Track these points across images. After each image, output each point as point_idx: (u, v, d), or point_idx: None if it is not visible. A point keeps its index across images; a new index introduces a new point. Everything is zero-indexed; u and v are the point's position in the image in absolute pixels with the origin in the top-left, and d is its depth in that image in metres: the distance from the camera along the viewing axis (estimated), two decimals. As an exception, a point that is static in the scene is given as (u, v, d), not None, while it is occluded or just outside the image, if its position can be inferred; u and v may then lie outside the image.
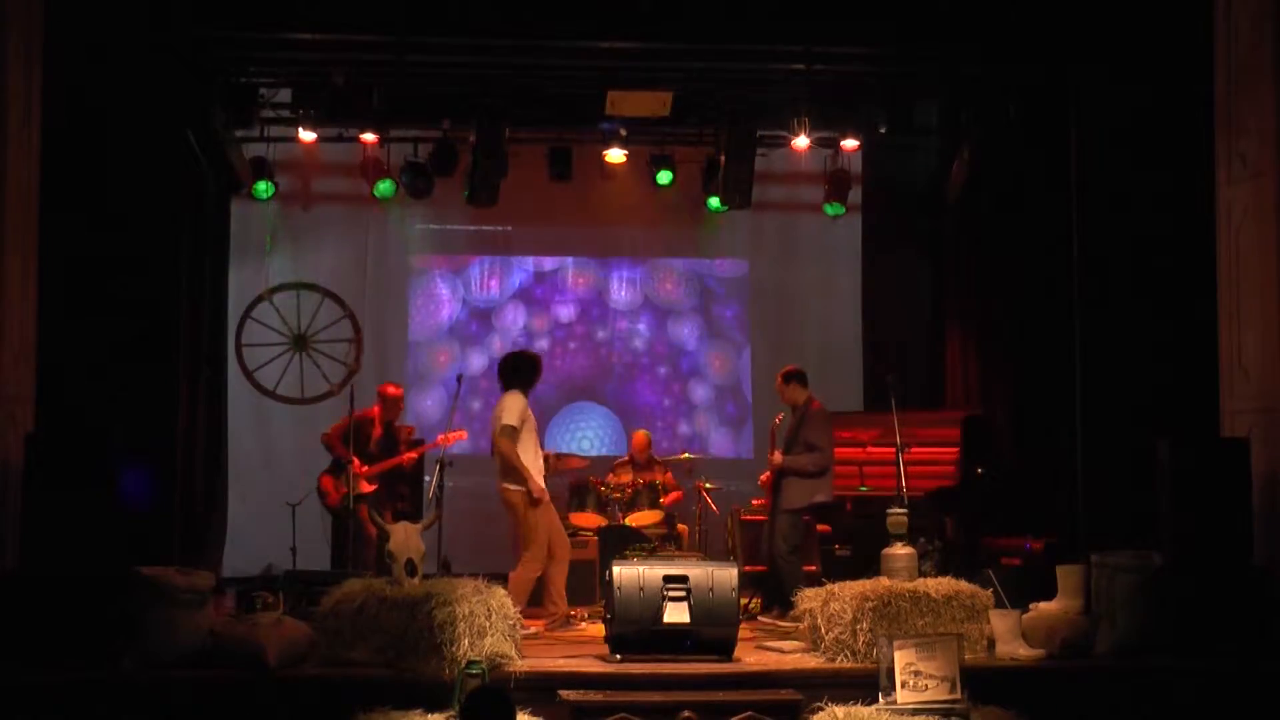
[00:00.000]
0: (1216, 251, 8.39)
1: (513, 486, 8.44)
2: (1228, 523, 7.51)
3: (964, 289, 11.66)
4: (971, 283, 11.57)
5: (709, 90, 10.79)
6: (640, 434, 11.35)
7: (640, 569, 7.34)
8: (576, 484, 10.73)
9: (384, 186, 11.48)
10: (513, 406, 8.49)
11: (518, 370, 8.69)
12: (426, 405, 12.49)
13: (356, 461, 9.75)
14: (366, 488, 9.88)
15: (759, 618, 8.98)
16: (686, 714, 6.45)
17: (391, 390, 10.35)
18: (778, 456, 9.16)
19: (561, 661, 7.23)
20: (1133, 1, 9.08)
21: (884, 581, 7.38)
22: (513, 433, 8.40)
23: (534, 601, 8.40)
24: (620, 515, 10.48)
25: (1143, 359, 9.02)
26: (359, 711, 6.36)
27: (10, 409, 7.68)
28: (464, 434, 10.30)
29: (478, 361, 12.75)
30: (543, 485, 8.52)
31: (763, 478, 9.43)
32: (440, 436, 9.63)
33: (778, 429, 9.40)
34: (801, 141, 10.77)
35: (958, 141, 11.12)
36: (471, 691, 5.63)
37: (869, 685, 6.70)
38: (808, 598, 7.49)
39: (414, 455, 10.13)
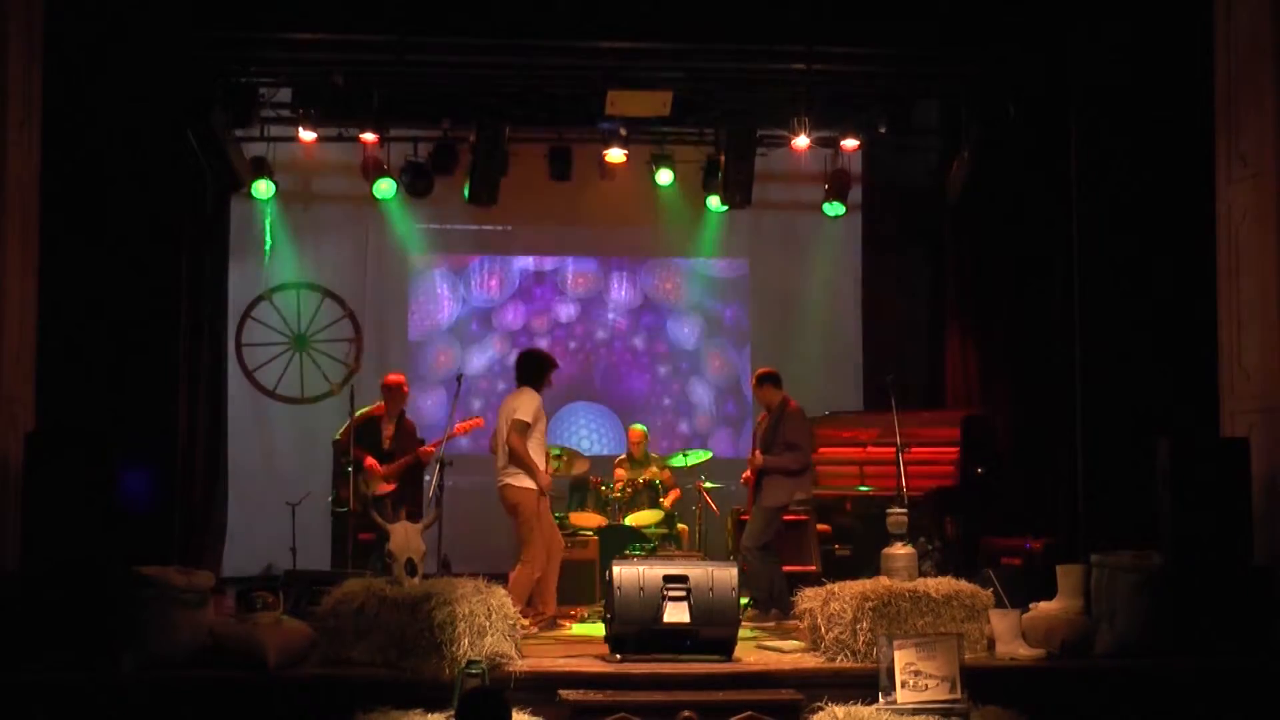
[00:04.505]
0: (1216, 251, 8.39)
1: (515, 483, 8.43)
2: (1228, 523, 7.51)
3: (964, 289, 11.66)
4: (971, 283, 11.57)
5: (709, 90, 10.79)
6: (635, 429, 11.35)
7: (640, 569, 7.33)
8: (577, 484, 10.73)
9: (384, 186, 11.48)
10: (528, 403, 8.48)
11: (536, 368, 8.68)
12: (427, 405, 12.50)
13: (373, 461, 9.72)
14: (385, 488, 9.84)
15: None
16: (686, 714, 6.45)
17: (392, 378, 10.21)
18: (758, 457, 9.20)
19: (561, 661, 7.23)
20: (1133, 2, 9.08)
21: (884, 581, 7.38)
22: (525, 429, 8.40)
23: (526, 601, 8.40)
24: (620, 515, 10.49)
25: (1143, 359, 9.03)
26: (359, 711, 6.36)
27: (10, 409, 7.68)
28: (480, 421, 10.27)
29: (478, 361, 12.76)
30: (549, 481, 8.57)
31: (745, 476, 9.48)
32: (458, 426, 9.60)
33: (757, 430, 9.45)
34: (801, 141, 10.78)
35: (958, 141, 11.13)
36: (467, 693, 5.63)
37: (869, 685, 6.70)
38: (807, 597, 7.49)
39: (431, 449, 10.06)
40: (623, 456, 11.39)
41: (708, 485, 10.87)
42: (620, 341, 13.01)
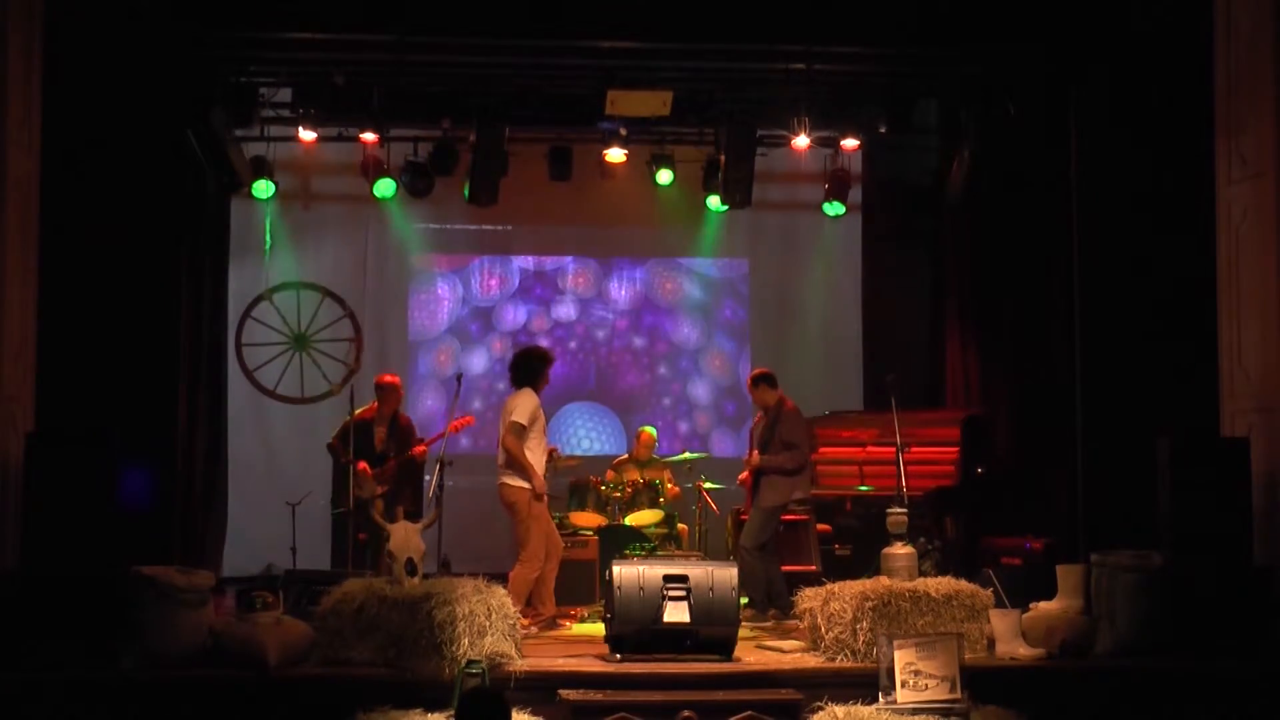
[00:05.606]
0: (1216, 251, 8.39)
1: (513, 483, 8.47)
2: (1228, 523, 7.51)
3: (964, 288, 11.66)
4: (971, 282, 11.57)
5: (709, 90, 10.79)
6: (647, 432, 11.35)
7: (640, 569, 7.34)
8: (576, 484, 10.72)
9: (384, 186, 11.47)
10: (524, 405, 8.53)
11: (530, 368, 8.71)
12: (426, 405, 12.50)
13: (365, 465, 9.71)
14: (377, 489, 9.83)
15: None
16: (686, 714, 6.45)
17: (387, 379, 10.18)
18: (755, 457, 9.22)
19: (561, 661, 7.23)
20: (1133, 1, 9.08)
21: (884, 581, 7.38)
22: (521, 430, 8.45)
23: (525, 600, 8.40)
24: (620, 515, 10.48)
25: (1143, 359, 9.02)
26: (359, 711, 6.37)
27: (10, 409, 7.68)
28: (471, 419, 10.23)
29: (478, 361, 12.75)
30: (544, 483, 8.58)
31: (742, 477, 9.49)
32: (450, 425, 9.58)
33: (754, 431, 9.46)
34: (801, 141, 10.78)
35: (958, 141, 11.12)
36: (467, 693, 5.63)
37: (869, 685, 6.70)
38: (807, 597, 7.49)
39: (423, 448, 10.04)
40: (624, 457, 11.38)
41: (708, 485, 10.86)
42: (620, 341, 13.01)
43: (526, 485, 8.46)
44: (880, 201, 12.42)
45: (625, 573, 7.29)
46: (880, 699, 6.63)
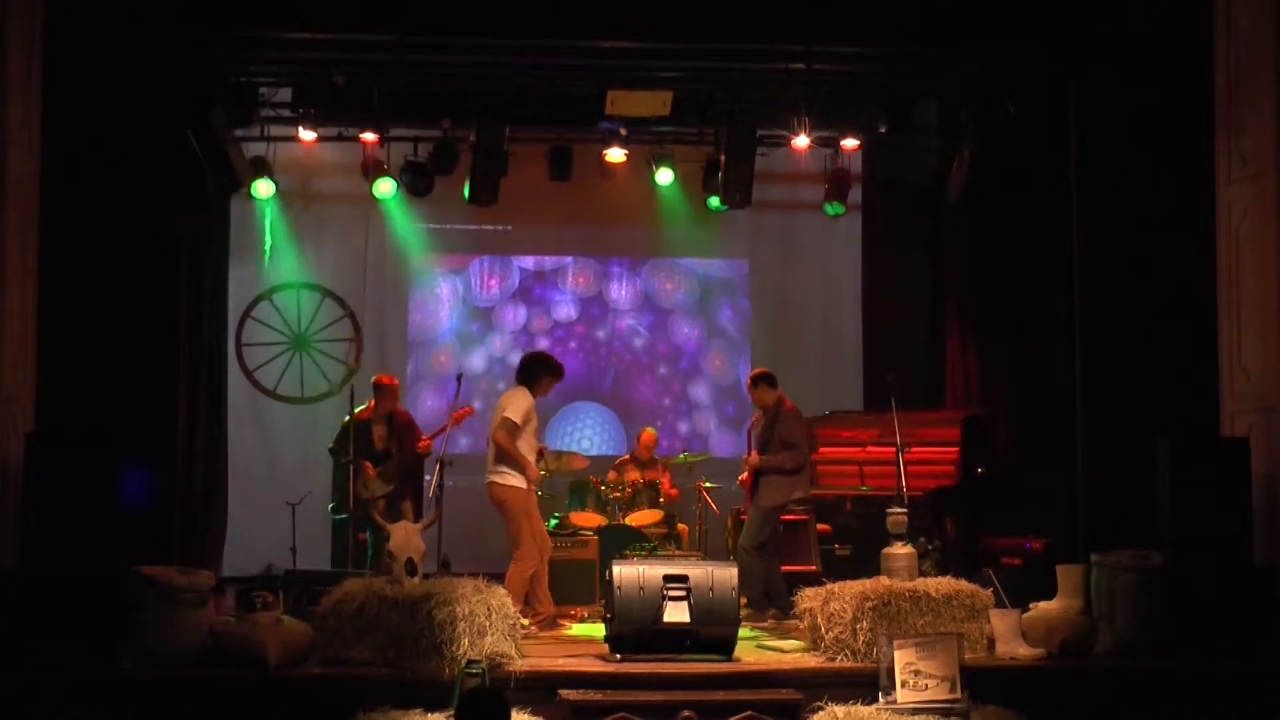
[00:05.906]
0: (1216, 251, 8.39)
1: (502, 481, 8.47)
2: (1228, 523, 7.51)
3: (964, 288, 11.67)
4: (971, 282, 11.58)
5: (709, 90, 10.79)
6: (648, 432, 11.36)
7: (640, 568, 7.34)
8: (576, 483, 10.73)
9: (384, 186, 11.48)
10: (519, 403, 8.55)
11: (534, 371, 8.74)
12: (426, 405, 12.49)
13: (370, 466, 9.71)
14: (381, 488, 9.83)
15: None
16: (686, 713, 6.45)
17: (385, 379, 10.16)
18: (754, 457, 9.23)
19: (561, 661, 7.23)
20: (1134, 1, 9.08)
21: (884, 581, 7.38)
22: (514, 428, 8.46)
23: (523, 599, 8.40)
24: (620, 515, 10.48)
25: (1143, 359, 9.02)
26: (359, 711, 6.37)
27: (10, 409, 7.68)
28: (470, 409, 10.23)
29: (478, 361, 12.76)
30: (536, 472, 8.65)
31: (742, 477, 9.49)
32: (453, 415, 9.57)
33: (753, 430, 9.46)
34: (801, 141, 10.79)
35: (958, 141, 11.12)
36: (467, 693, 5.63)
37: (869, 685, 6.70)
38: (807, 597, 7.49)
39: (428, 441, 10.02)
40: (625, 457, 11.39)
41: (708, 485, 10.87)
42: (620, 341, 13.01)
43: (516, 483, 8.47)
44: (880, 201, 12.43)
45: (625, 573, 7.29)
46: (880, 699, 6.63)
